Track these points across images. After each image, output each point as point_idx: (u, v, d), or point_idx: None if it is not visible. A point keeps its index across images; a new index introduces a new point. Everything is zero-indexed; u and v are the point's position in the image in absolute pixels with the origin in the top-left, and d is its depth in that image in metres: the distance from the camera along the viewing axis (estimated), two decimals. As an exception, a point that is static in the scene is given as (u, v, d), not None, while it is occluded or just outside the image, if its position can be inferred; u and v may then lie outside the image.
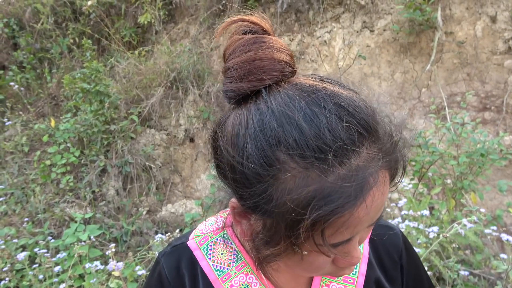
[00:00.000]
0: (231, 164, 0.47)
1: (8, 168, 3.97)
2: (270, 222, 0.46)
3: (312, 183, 0.41)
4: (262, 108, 0.45)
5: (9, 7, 5.02)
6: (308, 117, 0.42)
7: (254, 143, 0.44)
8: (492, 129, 3.20)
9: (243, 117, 0.47)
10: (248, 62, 0.48)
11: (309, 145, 0.41)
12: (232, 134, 0.47)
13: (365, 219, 0.44)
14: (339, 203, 0.40)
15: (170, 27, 4.79)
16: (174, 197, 3.96)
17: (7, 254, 2.76)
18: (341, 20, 3.95)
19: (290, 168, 0.42)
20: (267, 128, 0.43)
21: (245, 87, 0.48)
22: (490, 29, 3.41)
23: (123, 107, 4.10)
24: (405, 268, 0.70)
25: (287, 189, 0.42)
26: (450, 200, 2.40)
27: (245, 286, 0.63)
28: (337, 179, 0.41)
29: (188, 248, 0.66)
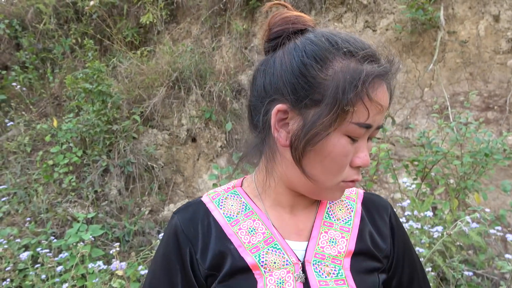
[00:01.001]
0: (292, 69, 0.63)
1: (11, 168, 3.98)
2: (316, 109, 0.61)
3: (353, 67, 0.60)
4: (310, 34, 0.65)
5: (12, 7, 5.03)
6: (348, 34, 0.64)
7: (311, 48, 0.62)
8: (495, 128, 3.19)
9: (296, 42, 0.65)
10: (296, 15, 0.67)
11: (352, 48, 0.61)
12: (288, 51, 0.65)
13: (376, 107, 0.61)
14: (369, 74, 0.60)
15: (172, 27, 4.79)
16: (176, 197, 3.96)
17: (10, 254, 2.77)
18: (343, 20, 3.95)
19: (338, 60, 0.61)
20: (322, 37, 0.63)
21: (297, 26, 0.66)
22: (493, 28, 3.40)
23: (125, 107, 4.10)
24: (395, 229, 0.78)
25: (336, 71, 0.60)
26: (453, 200, 2.39)
27: (252, 230, 0.70)
28: (369, 67, 0.60)
29: (202, 202, 0.75)
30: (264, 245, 0.69)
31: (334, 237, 0.71)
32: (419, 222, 2.05)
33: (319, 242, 0.70)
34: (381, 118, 0.64)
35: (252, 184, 0.76)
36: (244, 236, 0.69)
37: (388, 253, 0.75)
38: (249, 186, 0.77)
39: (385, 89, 0.62)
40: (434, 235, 1.93)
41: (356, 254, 0.70)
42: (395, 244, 0.77)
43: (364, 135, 0.64)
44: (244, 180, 0.79)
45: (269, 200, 0.73)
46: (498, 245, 2.26)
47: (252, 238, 0.69)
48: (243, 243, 0.69)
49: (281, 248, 0.68)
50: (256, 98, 0.68)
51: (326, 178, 0.65)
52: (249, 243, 0.69)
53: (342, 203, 0.77)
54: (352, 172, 0.66)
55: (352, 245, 0.71)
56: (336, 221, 0.74)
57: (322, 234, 0.71)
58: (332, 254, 0.69)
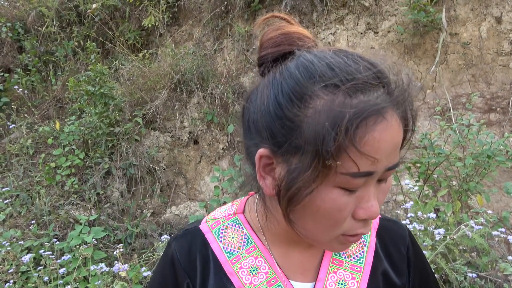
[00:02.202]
0: (268, 110, 0.53)
1: (14, 170, 3.99)
2: (298, 157, 0.50)
3: (339, 103, 0.47)
4: (294, 62, 0.53)
5: (14, 10, 5.06)
6: (336, 58, 0.50)
7: (289, 81, 0.51)
8: (497, 130, 3.18)
9: (278, 71, 0.54)
10: (283, 33, 0.56)
11: (338, 78, 0.48)
12: (268, 84, 0.55)
13: (383, 148, 0.48)
14: (355, 115, 0.46)
15: (174, 30, 4.80)
16: (178, 199, 3.97)
17: (13, 256, 2.77)
18: (345, 22, 3.95)
19: (320, 96, 0.48)
20: (302, 69, 0.51)
21: (282, 49, 0.56)
22: (495, 30, 3.40)
23: (128, 110, 4.11)
24: (412, 262, 0.71)
25: (317, 111, 0.48)
26: (456, 202, 2.38)
27: (254, 269, 0.65)
28: (360, 102, 0.47)
29: (200, 231, 0.69)
30: (267, 287, 0.63)
31: (343, 279, 0.65)
32: (422, 224, 2.05)
33: (326, 284, 0.64)
34: (392, 158, 0.51)
35: (254, 214, 0.69)
36: (245, 276, 0.64)
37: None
38: (251, 215, 0.70)
39: (389, 124, 0.48)
40: (437, 237, 1.93)
41: None
42: (411, 277, 0.71)
43: (367, 183, 0.51)
44: (247, 205, 0.72)
45: (271, 235, 0.67)
46: (501, 247, 2.25)
47: (254, 278, 0.64)
48: (244, 285, 0.64)
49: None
50: (244, 136, 0.60)
51: (319, 233, 0.56)
52: (251, 284, 0.64)
53: None
54: (356, 225, 0.54)
55: (363, 287, 0.65)
56: (346, 259, 0.67)
57: (330, 275, 0.65)
58: None
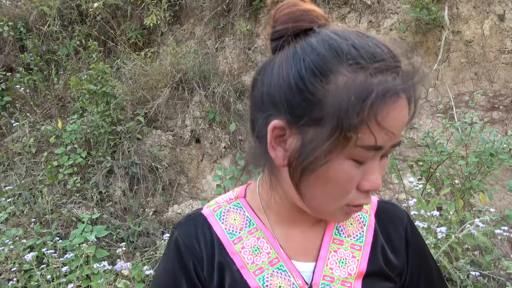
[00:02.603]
0: (289, 83, 0.54)
1: (16, 169, 4.00)
2: (317, 129, 0.52)
3: (359, 81, 0.50)
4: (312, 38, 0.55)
5: (16, 10, 5.06)
6: (359, 39, 0.52)
7: (311, 55, 0.53)
8: (500, 128, 3.17)
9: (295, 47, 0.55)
10: (300, 9, 0.57)
11: (360, 56, 0.51)
12: (286, 59, 0.55)
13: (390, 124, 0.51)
14: (380, 93, 0.49)
15: (175, 28, 4.80)
16: (180, 198, 3.97)
17: (16, 255, 2.78)
18: (347, 20, 3.94)
19: (342, 72, 0.51)
20: (324, 43, 0.53)
21: (300, 26, 0.56)
22: (498, 28, 3.39)
23: (129, 108, 4.12)
24: (410, 242, 0.72)
25: (339, 88, 0.50)
26: (459, 200, 2.37)
27: (256, 249, 0.66)
28: (379, 81, 0.50)
29: (202, 215, 0.70)
30: (268, 266, 0.64)
31: (344, 257, 0.66)
32: (425, 222, 2.04)
33: (328, 263, 0.65)
34: (398, 136, 0.55)
35: (256, 196, 0.70)
36: (247, 256, 0.65)
37: (402, 269, 0.70)
38: (253, 198, 0.71)
39: (402, 105, 0.53)
40: (439, 235, 1.92)
41: (368, 275, 0.66)
42: (409, 259, 0.71)
43: (374, 157, 0.56)
44: (248, 190, 0.73)
45: (274, 215, 0.68)
46: (504, 245, 2.24)
47: (256, 258, 0.65)
48: (246, 264, 0.64)
49: (287, 270, 0.64)
50: (254, 108, 0.62)
51: (327, 203, 0.59)
52: (253, 263, 0.64)
53: (354, 215, 0.71)
54: (360, 196, 0.58)
55: (363, 266, 0.66)
56: (346, 238, 0.69)
57: (331, 254, 0.66)
58: (342, 276, 0.65)
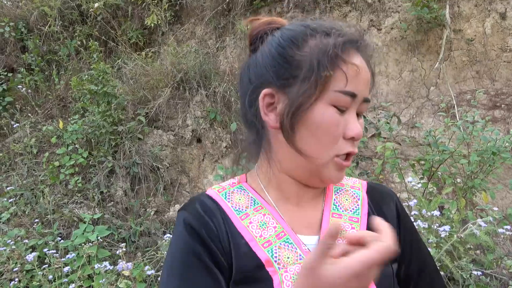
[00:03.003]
0: (271, 53, 0.68)
1: (18, 169, 4.00)
2: (299, 84, 0.64)
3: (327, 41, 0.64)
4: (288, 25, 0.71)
5: (17, 10, 5.06)
6: (322, 20, 0.69)
7: (287, 33, 0.68)
8: (502, 127, 3.16)
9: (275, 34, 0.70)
10: (268, 19, 0.73)
11: (327, 27, 0.66)
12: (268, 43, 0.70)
13: (352, 69, 0.63)
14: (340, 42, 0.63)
15: (176, 28, 4.80)
16: (182, 198, 3.97)
17: (17, 255, 2.78)
18: (348, 19, 3.93)
19: (315, 38, 0.65)
20: (298, 24, 0.69)
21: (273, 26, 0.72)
22: (500, 26, 3.37)
23: (130, 108, 4.12)
24: (401, 217, 0.77)
25: (314, 47, 0.64)
26: (461, 199, 2.37)
27: (263, 223, 0.69)
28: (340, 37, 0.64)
29: (207, 195, 0.74)
30: (276, 239, 0.67)
31: (344, 229, 0.70)
32: (427, 221, 2.04)
33: None
34: (365, 90, 0.65)
35: (256, 179, 0.75)
36: (255, 230, 0.68)
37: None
38: (254, 181, 0.76)
39: (360, 58, 0.65)
40: (442, 234, 1.92)
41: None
42: (401, 232, 0.75)
43: (352, 107, 0.65)
44: (248, 175, 0.78)
45: (274, 193, 0.73)
46: (506, 244, 2.24)
47: (263, 232, 0.68)
48: (254, 237, 0.67)
49: (293, 242, 0.67)
50: (244, 93, 0.71)
51: (320, 152, 0.65)
52: (261, 237, 0.67)
53: (348, 192, 0.77)
54: (346, 145, 0.65)
55: None
56: (344, 212, 0.73)
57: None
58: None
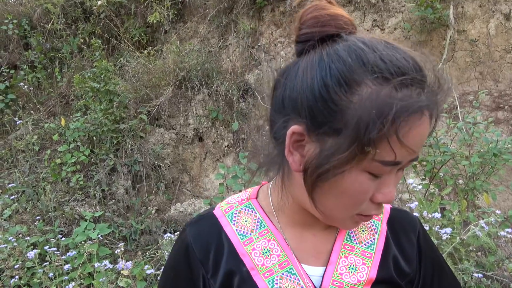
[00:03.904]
0: (312, 90, 0.53)
1: (20, 166, 4.01)
2: (336, 139, 0.52)
3: (384, 95, 0.49)
4: (340, 46, 0.54)
5: (20, 7, 5.07)
6: (387, 51, 0.52)
7: (338, 66, 0.52)
8: (505, 128, 3.15)
9: (321, 53, 0.55)
10: (329, 13, 0.56)
11: (385, 69, 0.50)
12: (311, 64, 0.55)
13: (411, 142, 0.51)
14: (403, 109, 0.49)
15: (179, 26, 4.80)
16: (183, 196, 3.97)
17: (18, 252, 2.79)
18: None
19: (367, 84, 0.50)
20: (352, 53, 0.52)
21: (327, 30, 0.55)
22: (504, 27, 3.35)
23: (132, 106, 4.12)
24: (423, 249, 0.72)
25: (362, 99, 0.50)
26: (462, 200, 2.36)
27: (266, 251, 0.66)
28: (406, 97, 0.49)
29: (214, 215, 0.70)
30: (278, 269, 0.64)
31: (354, 263, 0.66)
32: (427, 223, 2.03)
33: (338, 268, 0.66)
34: (416, 152, 0.54)
35: (268, 198, 0.70)
36: (257, 258, 0.65)
37: (414, 277, 0.69)
38: (265, 200, 0.71)
39: (425, 122, 0.52)
40: (443, 237, 1.91)
41: (377, 282, 0.66)
42: (422, 266, 0.71)
43: (391, 171, 0.55)
44: (260, 191, 0.73)
45: (285, 218, 0.68)
46: (508, 247, 2.22)
47: (266, 260, 0.65)
48: (256, 266, 0.64)
49: (296, 273, 0.64)
50: (274, 110, 0.61)
51: (338, 212, 0.59)
52: (263, 265, 0.64)
53: (366, 223, 0.71)
54: (372, 207, 0.58)
55: (373, 273, 0.66)
56: (357, 245, 0.68)
57: (341, 259, 0.66)
58: (351, 282, 0.64)
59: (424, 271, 0.71)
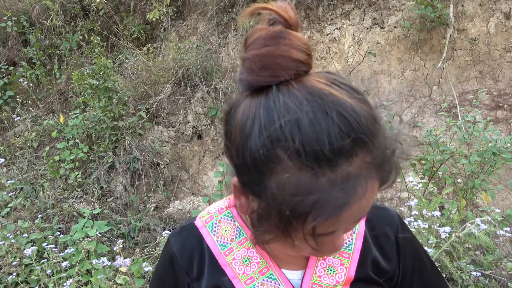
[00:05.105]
0: (236, 149, 0.50)
1: (18, 163, 4.00)
2: (264, 206, 0.49)
3: (304, 183, 0.44)
4: (270, 104, 0.47)
5: (19, 4, 5.05)
6: (311, 122, 0.44)
7: (257, 136, 0.47)
8: (504, 128, 3.15)
9: (252, 109, 0.49)
10: (264, 56, 0.49)
11: (307, 148, 0.44)
12: (241, 122, 0.50)
13: (350, 219, 0.49)
14: (326, 206, 0.45)
15: (178, 24, 4.78)
16: (182, 194, 3.97)
17: (16, 249, 2.79)
18: (350, 17, 3.91)
19: (286, 166, 0.45)
20: (272, 124, 0.46)
21: (258, 80, 0.49)
22: (504, 26, 3.35)
23: (131, 104, 4.11)
24: (401, 245, 0.72)
25: (281, 184, 0.45)
26: (461, 199, 2.36)
27: (246, 259, 0.68)
28: (326, 184, 0.44)
29: (195, 226, 0.72)
30: (259, 276, 0.67)
31: (332, 265, 0.68)
32: (427, 221, 2.03)
33: (316, 270, 0.67)
34: (361, 216, 0.51)
35: None
36: (238, 267, 0.67)
37: (393, 274, 0.70)
38: None
39: (362, 196, 0.46)
40: (442, 235, 1.91)
41: (355, 281, 0.67)
42: (401, 262, 0.71)
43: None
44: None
45: None
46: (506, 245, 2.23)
47: (246, 268, 0.67)
48: (237, 275, 0.67)
49: (276, 278, 0.66)
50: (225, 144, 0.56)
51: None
52: (244, 273, 0.67)
53: None
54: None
55: (352, 273, 0.67)
56: None
57: (320, 262, 0.68)
58: (330, 283, 0.66)
59: (404, 266, 0.71)
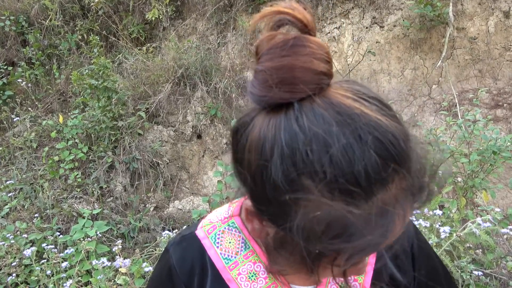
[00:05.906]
0: (253, 176, 0.44)
1: (17, 163, 3.99)
2: (283, 235, 0.45)
3: (336, 220, 0.39)
4: (292, 126, 0.41)
5: (18, 3, 5.04)
6: (344, 149, 0.38)
7: (280, 162, 0.40)
8: (504, 126, 3.14)
9: (271, 130, 0.42)
10: (282, 69, 0.42)
11: (340, 181, 0.38)
12: (257, 145, 0.43)
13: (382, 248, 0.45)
14: (362, 244, 0.41)
15: (177, 23, 4.78)
16: (182, 194, 3.96)
17: (16, 249, 2.78)
18: (350, 16, 3.91)
19: (315, 199, 0.39)
20: (296, 150, 0.39)
21: (275, 97, 0.42)
22: (503, 25, 3.35)
23: (131, 104, 4.10)
24: (416, 257, 0.69)
25: (309, 219, 0.40)
26: (461, 198, 2.36)
27: (252, 274, 0.63)
28: (362, 219, 0.39)
29: (197, 237, 0.66)
30: None
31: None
32: (428, 220, 2.03)
33: (328, 286, 0.64)
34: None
35: None
36: (244, 282, 0.63)
37: (408, 285, 0.68)
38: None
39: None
40: (442, 235, 1.91)
41: None
42: (416, 274, 0.69)
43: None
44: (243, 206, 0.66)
45: None
46: (506, 244, 2.23)
47: (253, 284, 0.62)
48: None
49: None
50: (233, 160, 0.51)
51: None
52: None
53: None
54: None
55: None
56: None
57: (331, 278, 0.63)
58: None
59: (419, 278, 0.69)
